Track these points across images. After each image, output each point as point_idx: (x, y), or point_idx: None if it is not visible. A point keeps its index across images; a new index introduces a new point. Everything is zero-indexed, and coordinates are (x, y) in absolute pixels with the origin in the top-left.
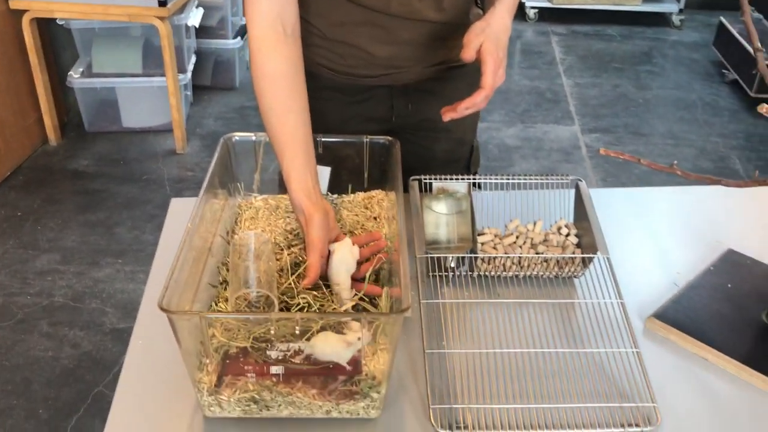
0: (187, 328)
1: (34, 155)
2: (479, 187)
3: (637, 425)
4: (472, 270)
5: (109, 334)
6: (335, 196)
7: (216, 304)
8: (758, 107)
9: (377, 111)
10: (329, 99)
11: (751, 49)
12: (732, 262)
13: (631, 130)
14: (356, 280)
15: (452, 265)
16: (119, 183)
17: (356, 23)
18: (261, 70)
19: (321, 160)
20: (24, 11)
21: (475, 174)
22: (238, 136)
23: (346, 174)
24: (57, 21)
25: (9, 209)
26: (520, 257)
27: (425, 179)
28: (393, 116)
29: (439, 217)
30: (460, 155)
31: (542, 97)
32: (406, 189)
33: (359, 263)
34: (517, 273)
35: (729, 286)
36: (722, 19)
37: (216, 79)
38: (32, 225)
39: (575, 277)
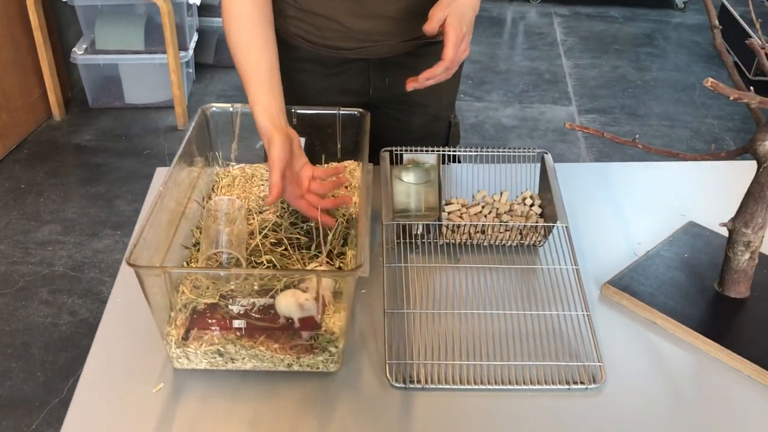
0: (157, 284)
1: (38, 130)
2: (458, 160)
3: (582, 383)
4: (437, 238)
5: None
6: None
7: (188, 264)
8: (704, 81)
9: (354, 84)
10: (306, 71)
11: (751, 32)
12: (692, 234)
13: (628, 111)
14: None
15: (418, 232)
16: (121, 157)
17: None
18: (228, 13)
19: (295, 130)
20: None
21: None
22: (215, 106)
23: (320, 145)
24: None
25: (13, 182)
26: (483, 225)
27: (396, 151)
28: (370, 89)
29: (409, 187)
30: (437, 131)
31: (541, 78)
32: (377, 161)
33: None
34: (481, 241)
35: (686, 255)
36: (724, 1)
37: (218, 57)
38: (35, 197)
39: (537, 245)
